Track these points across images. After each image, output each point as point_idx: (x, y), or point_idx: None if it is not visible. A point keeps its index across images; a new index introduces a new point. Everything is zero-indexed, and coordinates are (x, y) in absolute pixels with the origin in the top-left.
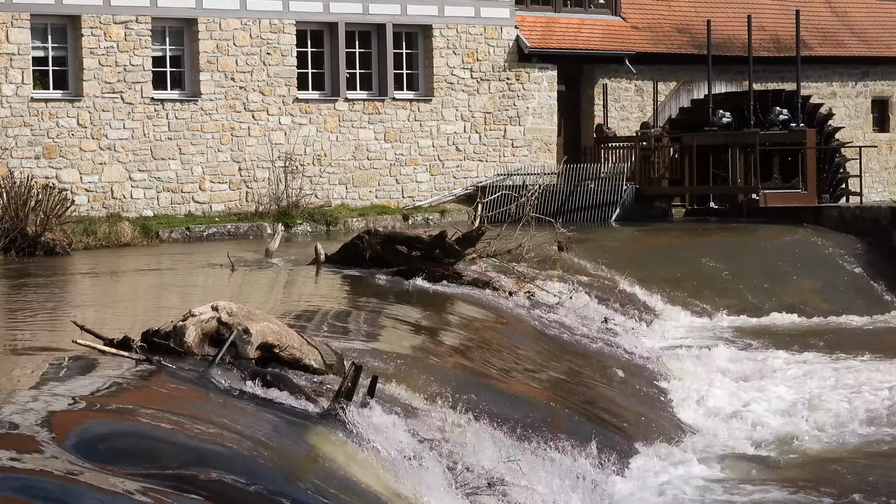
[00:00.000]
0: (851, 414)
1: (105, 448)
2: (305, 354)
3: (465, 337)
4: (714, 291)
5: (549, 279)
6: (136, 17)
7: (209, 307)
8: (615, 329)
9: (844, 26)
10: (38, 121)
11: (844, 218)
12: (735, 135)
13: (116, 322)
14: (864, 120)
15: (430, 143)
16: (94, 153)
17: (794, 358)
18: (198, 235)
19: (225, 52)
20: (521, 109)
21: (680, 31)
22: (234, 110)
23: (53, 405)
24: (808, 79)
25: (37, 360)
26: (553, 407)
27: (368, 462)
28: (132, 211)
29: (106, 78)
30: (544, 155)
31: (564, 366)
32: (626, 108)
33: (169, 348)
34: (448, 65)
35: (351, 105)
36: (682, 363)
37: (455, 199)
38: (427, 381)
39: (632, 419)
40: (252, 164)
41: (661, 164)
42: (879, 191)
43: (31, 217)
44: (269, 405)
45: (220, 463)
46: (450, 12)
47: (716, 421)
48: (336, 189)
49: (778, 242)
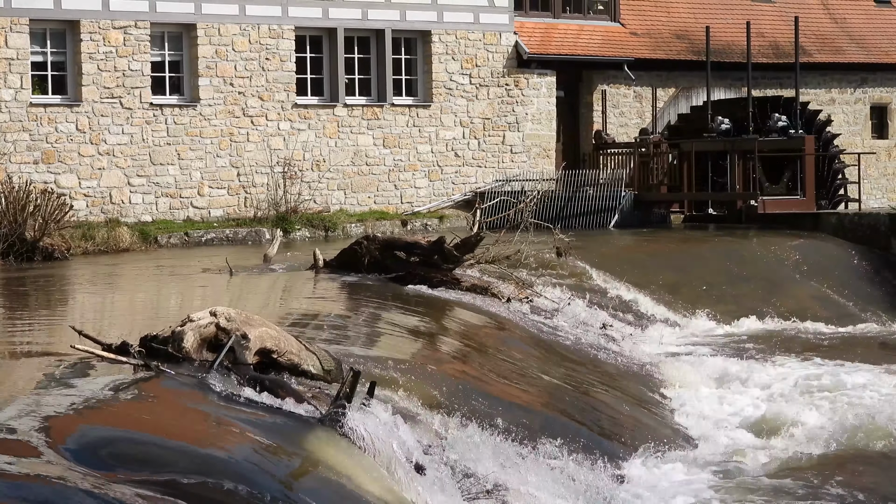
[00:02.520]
0: (851, 420)
1: (102, 453)
2: (304, 360)
3: (463, 343)
4: (712, 298)
5: (548, 285)
6: (135, 23)
7: (207, 312)
8: (613, 335)
9: (843, 33)
10: (37, 126)
11: (843, 225)
12: (734, 141)
13: (114, 327)
14: (862, 126)
15: (428, 149)
16: (93, 158)
17: (793, 364)
18: (196, 241)
19: (224, 57)
20: (519, 115)
21: (679, 38)
22: (233, 116)
23: (51, 410)
24: (807, 85)
25: (35, 365)
26: (551, 413)
27: (367, 467)
28: (131, 216)
29: (105, 83)
30: (543, 161)
31: (562, 372)
32: (624, 115)
33: (167, 354)
34: (447, 70)
35: (350, 111)
36: (679, 369)
37: (454, 204)
38: (425, 387)
39: (629, 425)
40: (251, 170)
41: (660, 170)
42: (878, 197)
43: (30, 222)
44: (267, 410)
45: (218, 468)
46: (449, 18)
47: (713, 427)
48: (335, 195)
49: (776, 249)
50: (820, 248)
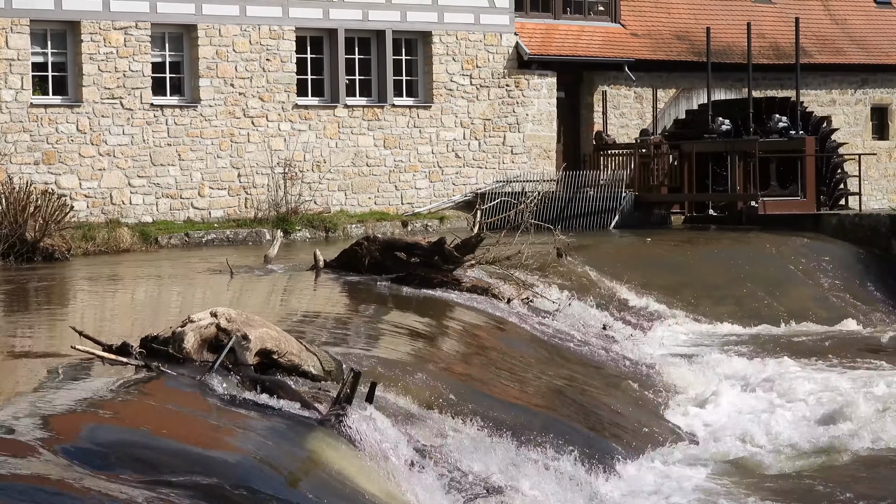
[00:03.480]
0: (852, 422)
1: (103, 454)
2: (304, 360)
3: (463, 343)
4: (712, 299)
5: (548, 286)
6: (136, 23)
7: (208, 313)
8: (613, 336)
9: (844, 34)
10: (38, 126)
11: (843, 226)
12: (734, 142)
13: (115, 328)
14: (863, 127)
15: (429, 150)
16: (94, 159)
17: (793, 366)
18: (197, 241)
19: (224, 58)
20: (520, 116)
21: (679, 39)
22: (234, 116)
23: (51, 410)
24: (808, 86)
25: (36, 366)
26: (551, 413)
27: (367, 468)
28: (131, 217)
29: (105, 84)
30: (543, 162)
31: (562, 372)
32: (625, 115)
33: (168, 354)
34: (447, 71)
35: (350, 111)
36: (679, 370)
37: (454, 205)
38: (425, 388)
39: (629, 425)
40: (251, 171)
41: (661, 171)
42: (878, 198)
43: (30, 223)
44: (267, 411)
45: (218, 469)
46: (449, 19)
47: (713, 428)
48: (335, 195)
49: (777, 250)
50: (820, 249)
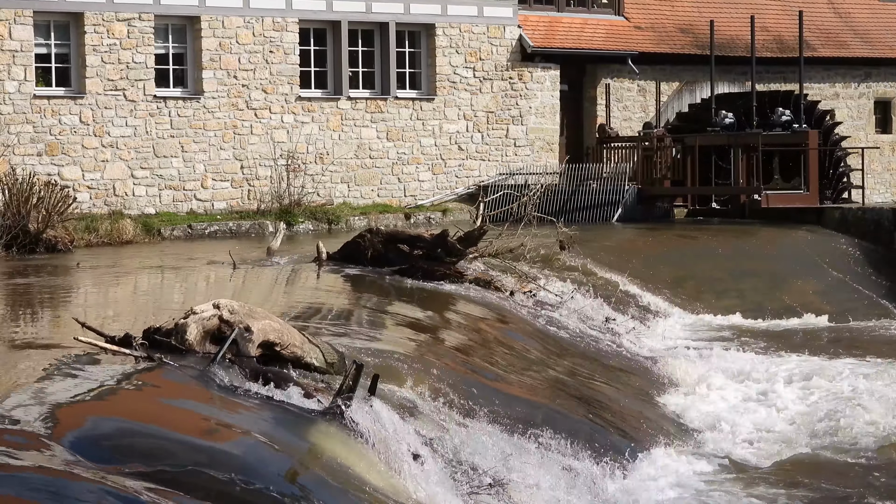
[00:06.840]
0: (855, 417)
1: (105, 445)
2: (307, 353)
3: (466, 336)
4: (715, 292)
5: (551, 279)
6: (139, 15)
7: (211, 305)
8: (616, 328)
9: (847, 27)
10: (41, 118)
11: (846, 219)
12: (737, 135)
13: (118, 319)
14: (866, 121)
15: (432, 143)
16: (97, 150)
17: (795, 360)
18: (199, 233)
19: (228, 49)
20: (523, 109)
21: (683, 32)
22: (237, 108)
23: (54, 402)
24: (811, 80)
25: (38, 357)
26: (554, 406)
27: (370, 460)
28: (134, 208)
29: (108, 75)
30: (546, 154)
31: (565, 365)
32: (628, 108)
33: (170, 346)
34: (451, 64)
35: (353, 104)
36: (682, 363)
37: (457, 198)
38: (428, 380)
39: (632, 419)
40: (254, 163)
41: (664, 164)
42: (882, 192)
43: (33, 214)
44: (270, 403)
45: (220, 460)
46: (453, 11)
47: (715, 421)
48: (338, 188)
49: (779, 243)
50: (823, 242)
